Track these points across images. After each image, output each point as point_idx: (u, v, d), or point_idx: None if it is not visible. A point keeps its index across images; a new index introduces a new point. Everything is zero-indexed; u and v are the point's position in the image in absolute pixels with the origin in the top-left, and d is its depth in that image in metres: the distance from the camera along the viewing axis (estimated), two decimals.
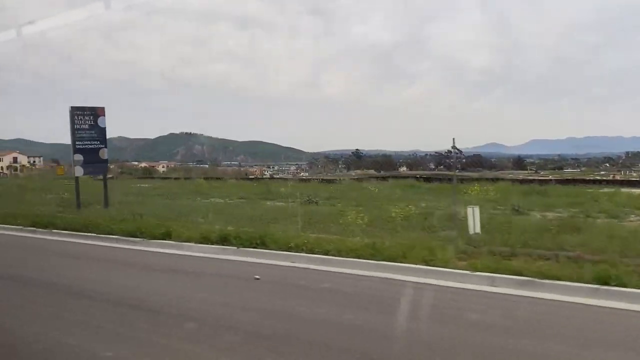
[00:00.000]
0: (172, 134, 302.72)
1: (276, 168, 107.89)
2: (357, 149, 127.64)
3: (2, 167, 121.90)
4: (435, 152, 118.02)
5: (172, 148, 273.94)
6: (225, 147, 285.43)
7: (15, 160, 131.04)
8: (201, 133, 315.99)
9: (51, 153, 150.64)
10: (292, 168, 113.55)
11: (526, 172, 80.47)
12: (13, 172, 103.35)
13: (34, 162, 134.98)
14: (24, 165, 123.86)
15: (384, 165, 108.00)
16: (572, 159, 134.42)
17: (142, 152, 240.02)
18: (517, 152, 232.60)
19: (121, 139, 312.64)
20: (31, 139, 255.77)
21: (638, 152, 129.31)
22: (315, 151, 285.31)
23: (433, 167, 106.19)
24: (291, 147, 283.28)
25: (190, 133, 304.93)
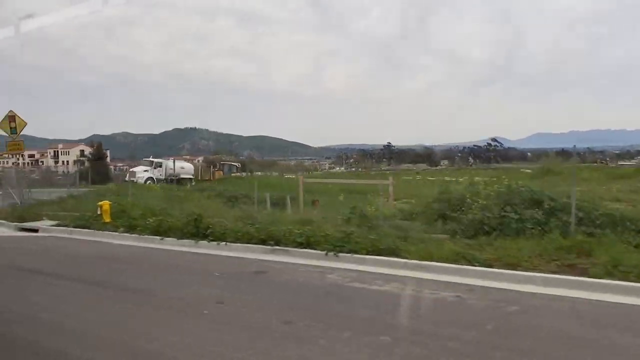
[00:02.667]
0: (176, 129, 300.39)
1: (308, 162, 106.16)
2: (388, 142, 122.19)
3: (66, 161, 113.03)
4: (474, 145, 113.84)
5: (178, 143, 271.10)
6: (231, 141, 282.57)
7: (82, 153, 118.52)
8: (206, 128, 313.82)
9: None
10: (326, 162, 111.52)
11: (596, 163, 77.78)
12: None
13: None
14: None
15: (426, 158, 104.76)
16: (599, 152, 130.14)
17: (147, 147, 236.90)
18: (520, 146, 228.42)
19: (125, 134, 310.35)
20: (35, 135, 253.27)
21: None
22: (321, 146, 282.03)
23: (471, 160, 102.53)
24: (297, 141, 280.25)
25: (195, 128, 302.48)
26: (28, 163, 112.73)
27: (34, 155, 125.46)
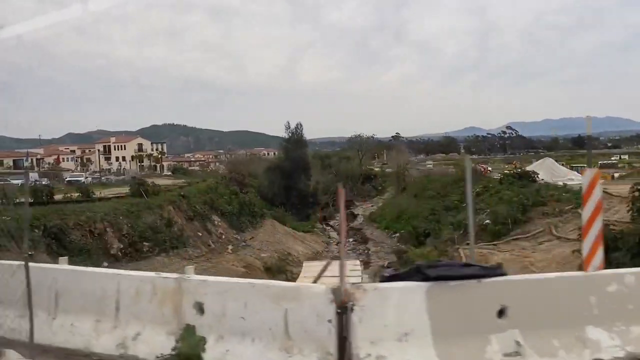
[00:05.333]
0: (154, 126, 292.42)
1: None
2: (397, 133, 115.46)
3: (121, 157, 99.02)
4: (488, 134, 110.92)
5: (157, 140, 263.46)
6: (211, 137, 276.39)
7: (140, 147, 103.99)
8: (184, 124, 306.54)
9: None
10: None
11: None
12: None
13: (158, 149, 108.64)
14: (150, 154, 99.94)
15: (447, 149, 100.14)
16: (595, 138, 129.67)
17: None
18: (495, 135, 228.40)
19: (101, 132, 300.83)
20: (4, 135, 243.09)
21: None
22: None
23: (488, 148, 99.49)
24: (278, 135, 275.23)
25: (174, 124, 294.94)
26: (66, 159, 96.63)
27: (74, 151, 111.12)
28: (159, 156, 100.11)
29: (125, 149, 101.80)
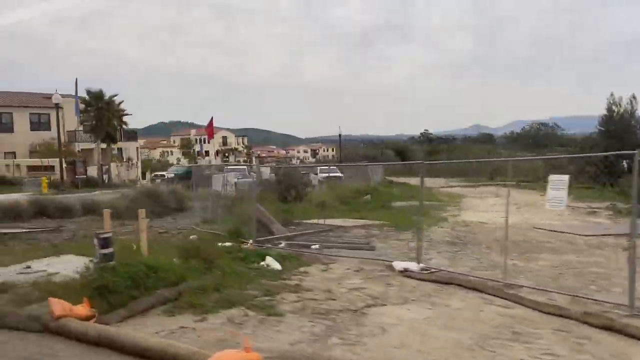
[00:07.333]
0: (162, 123, 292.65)
1: None
2: (425, 130, 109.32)
3: (204, 151, 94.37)
4: (524, 128, 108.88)
5: (165, 137, 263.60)
6: (220, 134, 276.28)
7: (225, 141, 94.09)
8: (192, 122, 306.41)
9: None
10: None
11: None
12: None
13: (241, 143, 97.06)
14: (235, 149, 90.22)
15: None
16: None
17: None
18: (499, 133, 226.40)
19: None
20: None
21: None
22: (309, 137, 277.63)
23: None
24: (285, 133, 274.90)
25: (181, 122, 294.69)
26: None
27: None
28: (249, 151, 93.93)
29: (208, 142, 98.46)
